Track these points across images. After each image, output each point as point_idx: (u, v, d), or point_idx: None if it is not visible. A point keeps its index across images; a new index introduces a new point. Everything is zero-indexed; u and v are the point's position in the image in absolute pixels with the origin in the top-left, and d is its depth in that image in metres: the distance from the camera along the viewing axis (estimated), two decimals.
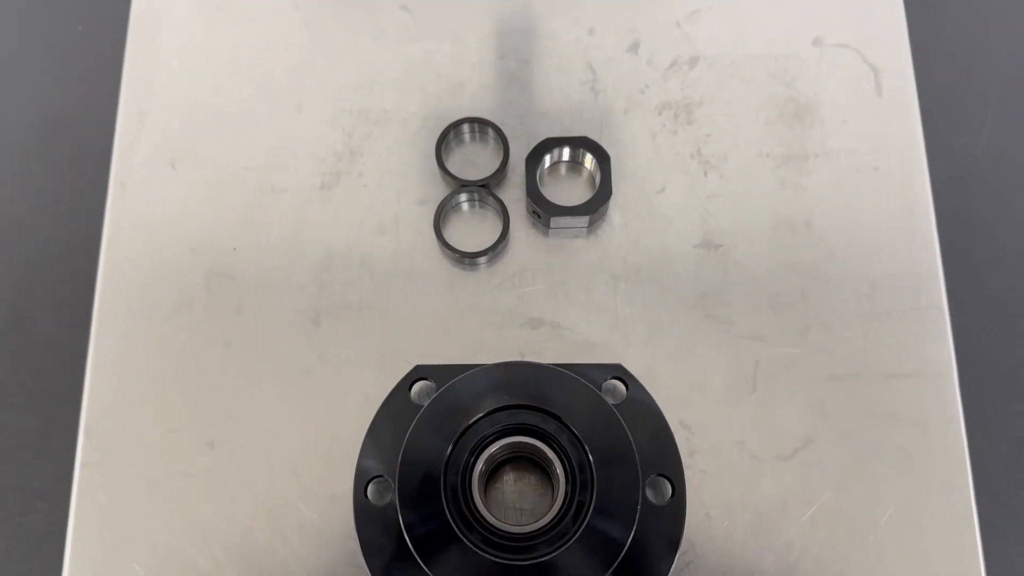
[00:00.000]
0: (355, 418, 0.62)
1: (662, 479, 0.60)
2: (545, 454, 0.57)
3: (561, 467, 0.56)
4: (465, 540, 0.54)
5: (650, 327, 0.66)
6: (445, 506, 0.55)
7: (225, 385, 0.65)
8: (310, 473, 0.63)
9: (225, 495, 0.63)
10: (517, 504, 0.63)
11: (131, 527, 0.62)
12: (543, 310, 0.67)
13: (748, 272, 0.68)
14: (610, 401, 0.59)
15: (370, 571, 0.57)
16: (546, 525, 0.56)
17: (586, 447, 0.56)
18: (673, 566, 0.58)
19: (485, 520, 0.55)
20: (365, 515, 0.58)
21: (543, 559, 0.54)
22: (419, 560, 0.57)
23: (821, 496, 0.62)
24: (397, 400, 0.61)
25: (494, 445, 0.58)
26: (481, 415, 0.58)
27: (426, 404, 0.59)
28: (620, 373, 0.62)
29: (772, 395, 0.64)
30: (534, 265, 0.69)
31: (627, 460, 0.59)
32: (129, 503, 0.63)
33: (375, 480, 0.60)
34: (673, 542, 0.58)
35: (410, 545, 0.56)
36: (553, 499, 0.58)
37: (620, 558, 0.57)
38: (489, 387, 0.61)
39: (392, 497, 0.57)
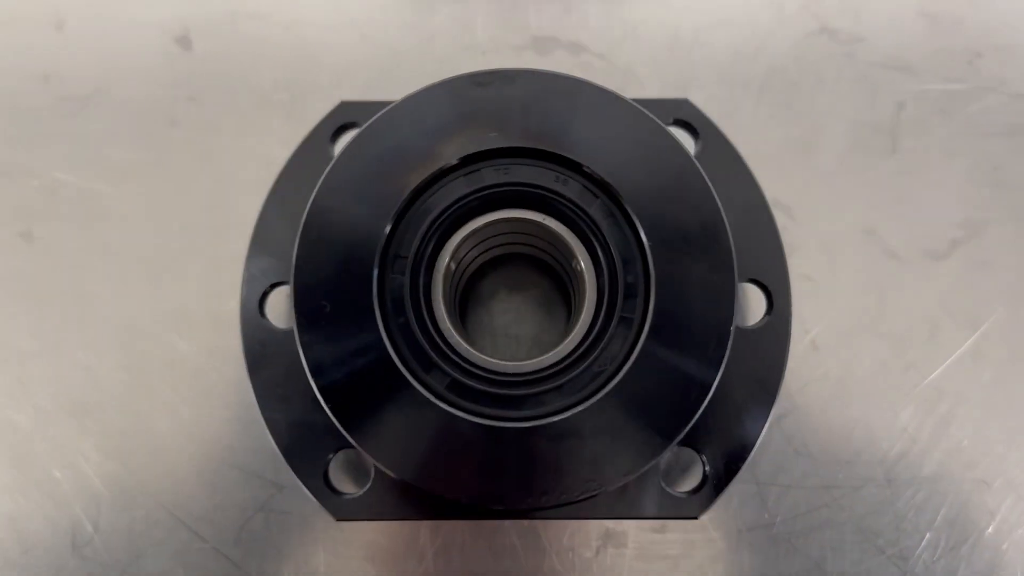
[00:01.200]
0: (250, 190, 0.46)
1: (753, 287, 0.41)
2: (563, 239, 0.37)
3: (590, 261, 0.37)
4: (417, 386, 0.34)
5: (730, 52, 0.50)
6: (381, 328, 0.35)
7: (45, 136, 0.50)
8: (182, 281, 0.48)
9: (50, 313, 0.48)
10: (512, 331, 0.46)
11: None
12: (557, 23, 0.51)
13: None
14: None
15: (272, 436, 0.39)
16: (566, 357, 0.36)
17: (638, 225, 0.35)
18: (766, 427, 0.42)
19: (454, 350, 0.36)
20: (260, 346, 0.41)
21: (557, 418, 0.35)
22: (334, 421, 0.33)
23: (989, 314, 0.47)
24: (312, 156, 0.43)
25: (471, 223, 0.37)
26: (447, 166, 0.36)
27: (346, 144, 0.35)
28: (686, 113, 0.43)
29: (920, 156, 0.50)
30: None
31: (714, 246, 0.34)
32: None
33: (278, 289, 0.41)
34: (768, 386, 0.40)
35: (319, 396, 0.33)
36: (574, 314, 0.39)
37: (697, 415, 0.33)
38: (462, 115, 0.36)
39: None
